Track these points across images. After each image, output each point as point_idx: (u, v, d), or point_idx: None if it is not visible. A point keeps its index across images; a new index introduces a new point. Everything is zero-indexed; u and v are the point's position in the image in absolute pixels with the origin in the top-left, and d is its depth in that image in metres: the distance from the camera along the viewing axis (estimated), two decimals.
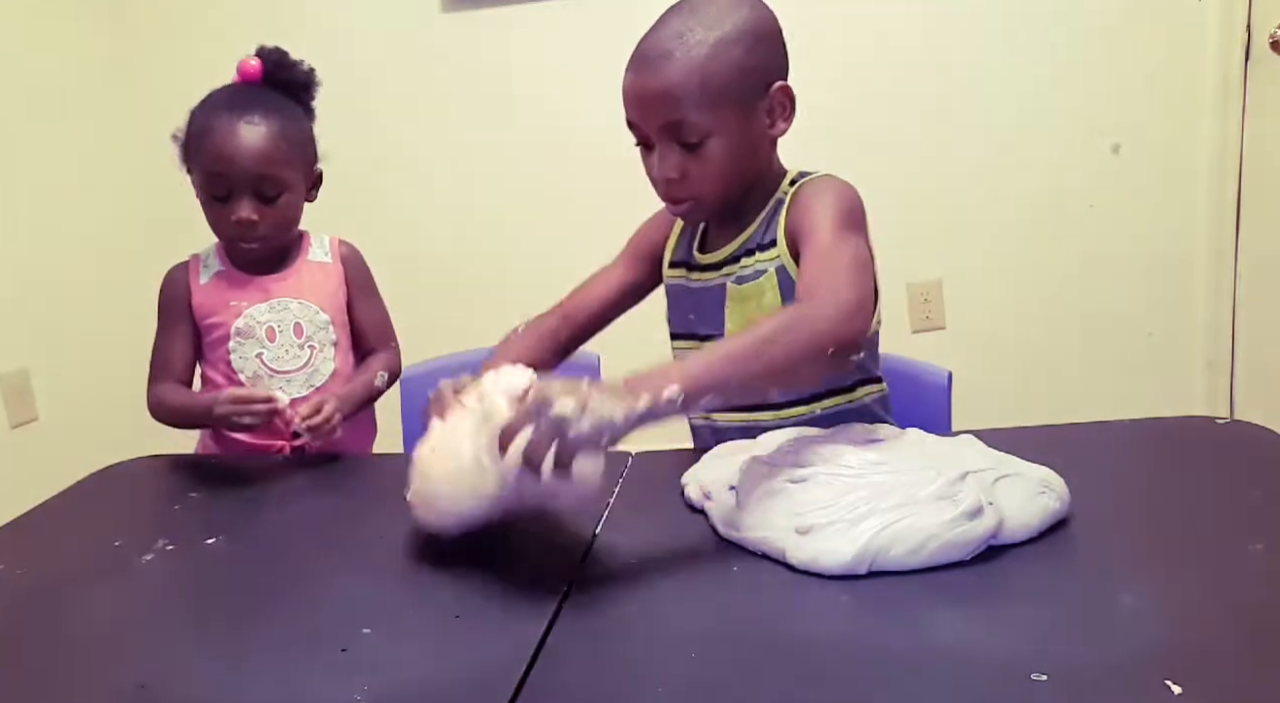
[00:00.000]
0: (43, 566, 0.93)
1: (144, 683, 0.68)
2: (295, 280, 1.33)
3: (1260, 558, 0.72)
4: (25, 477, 1.37)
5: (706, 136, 0.99)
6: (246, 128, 1.25)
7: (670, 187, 1.03)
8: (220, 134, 1.24)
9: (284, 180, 1.28)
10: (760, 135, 1.04)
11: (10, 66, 2.16)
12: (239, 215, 1.24)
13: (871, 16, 2.20)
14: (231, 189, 1.24)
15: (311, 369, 1.32)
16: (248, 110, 1.27)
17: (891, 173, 1.43)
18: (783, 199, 1.07)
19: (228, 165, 1.23)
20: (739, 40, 0.99)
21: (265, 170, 1.25)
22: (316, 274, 1.35)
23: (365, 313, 1.40)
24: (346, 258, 1.40)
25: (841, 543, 0.73)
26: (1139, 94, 2.19)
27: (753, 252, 1.07)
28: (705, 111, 0.98)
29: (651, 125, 1.00)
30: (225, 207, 1.25)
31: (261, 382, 1.30)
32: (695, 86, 0.97)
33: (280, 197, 1.28)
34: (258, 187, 1.25)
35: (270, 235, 1.29)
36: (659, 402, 0.76)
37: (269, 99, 1.31)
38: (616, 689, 0.64)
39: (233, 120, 1.25)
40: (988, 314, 2.32)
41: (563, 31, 2.32)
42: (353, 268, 1.39)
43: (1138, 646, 0.61)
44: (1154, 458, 0.97)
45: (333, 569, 0.87)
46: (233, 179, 1.24)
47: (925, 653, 0.63)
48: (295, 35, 2.46)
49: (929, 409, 1.23)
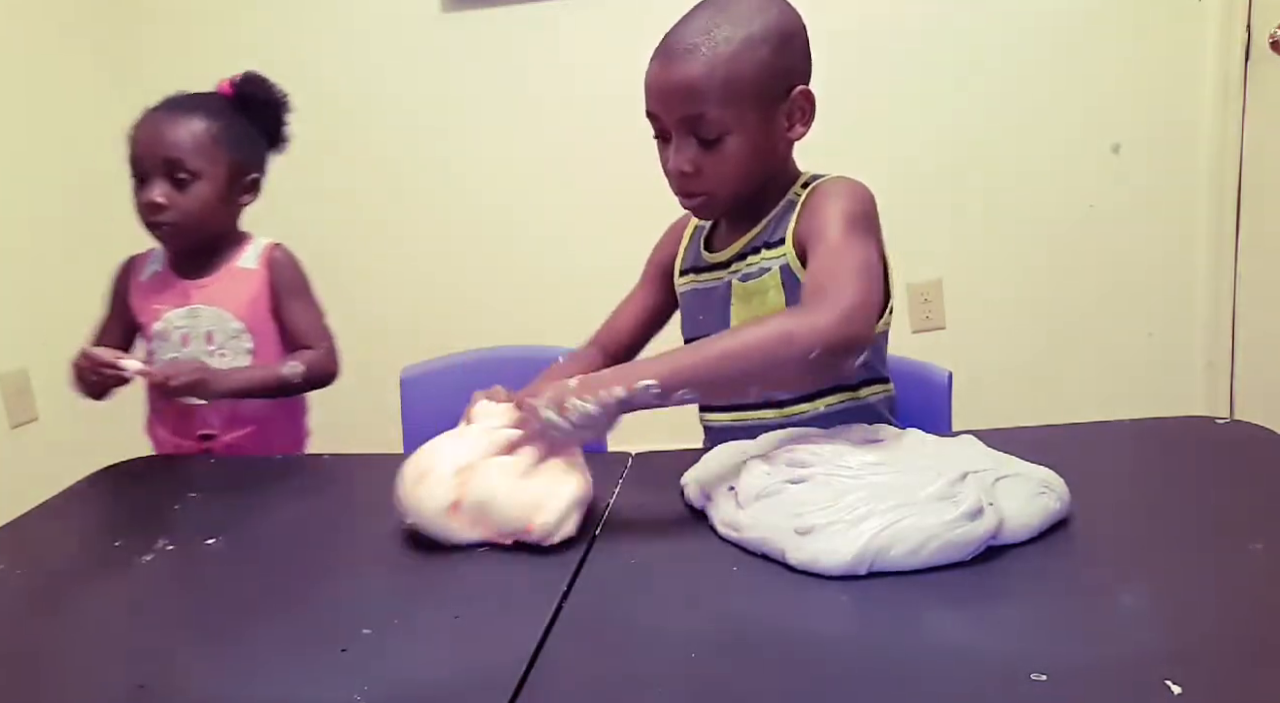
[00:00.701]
0: (43, 565, 0.93)
1: (143, 683, 0.68)
2: (214, 288, 1.35)
3: (1260, 558, 0.72)
4: (25, 477, 1.37)
5: (724, 134, 0.99)
6: (169, 116, 1.31)
7: (684, 180, 1.03)
8: (144, 121, 1.31)
9: (195, 169, 1.30)
10: (778, 137, 1.04)
11: (10, 67, 2.16)
12: (147, 197, 1.29)
13: (870, 17, 2.20)
14: (146, 172, 1.29)
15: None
16: (180, 105, 1.33)
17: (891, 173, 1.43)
18: (793, 200, 1.07)
19: (142, 148, 1.30)
20: (766, 40, 0.99)
21: (174, 154, 1.29)
22: (238, 281, 1.36)
23: (293, 315, 1.39)
24: (274, 263, 1.39)
25: (841, 544, 0.73)
26: (1139, 94, 2.19)
27: (759, 249, 1.08)
28: (726, 108, 0.98)
29: (671, 117, 1.01)
30: (141, 190, 1.30)
31: None
32: (718, 83, 0.97)
33: (192, 186, 1.30)
34: (168, 171, 1.29)
35: (180, 224, 1.31)
36: (634, 390, 0.82)
37: (213, 103, 1.35)
38: (616, 690, 0.64)
39: (161, 111, 1.32)
40: (988, 314, 2.32)
41: (563, 32, 2.32)
42: (279, 272, 1.39)
43: (1138, 645, 0.61)
44: (1154, 458, 0.97)
45: (333, 569, 0.87)
46: (146, 161, 1.29)
47: (925, 653, 0.63)
48: (296, 35, 2.48)
49: (929, 409, 1.23)
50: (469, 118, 2.41)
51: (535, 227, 2.41)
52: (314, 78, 2.44)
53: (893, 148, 2.24)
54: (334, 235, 2.46)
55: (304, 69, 2.44)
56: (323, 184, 2.44)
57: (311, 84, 2.46)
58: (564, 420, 0.83)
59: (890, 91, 2.24)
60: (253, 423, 1.36)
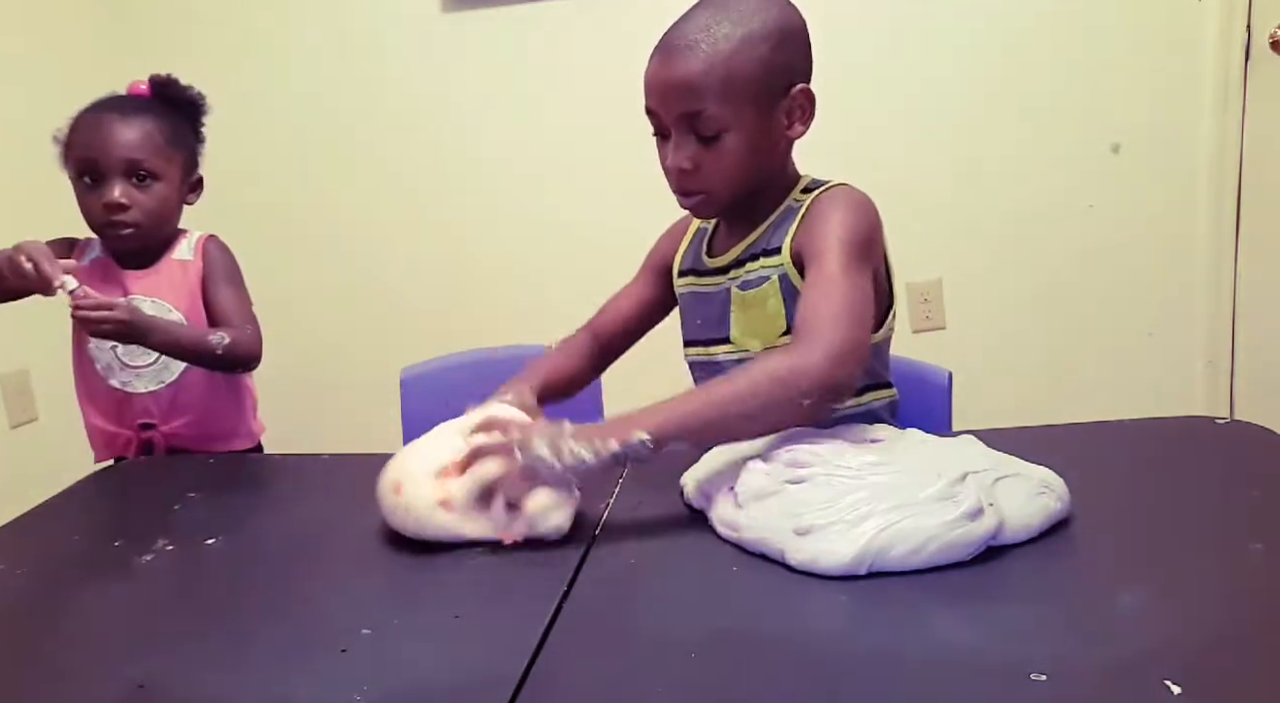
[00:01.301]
0: (43, 565, 0.93)
1: (143, 683, 0.68)
2: (154, 279, 1.36)
3: (1260, 558, 0.72)
4: (25, 477, 1.37)
5: (723, 131, 0.99)
6: (120, 117, 1.31)
7: (682, 178, 1.03)
8: (94, 122, 1.31)
9: (155, 168, 1.32)
10: (778, 135, 1.04)
11: (10, 68, 2.16)
12: (109, 198, 1.28)
13: (870, 17, 2.20)
14: (104, 173, 1.29)
15: (161, 365, 1.35)
16: (124, 106, 1.34)
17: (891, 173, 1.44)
18: (794, 207, 1.06)
19: (99, 150, 1.29)
20: (766, 38, 0.99)
21: (135, 155, 1.30)
22: (175, 272, 1.38)
23: (220, 300, 1.39)
24: (207, 253, 1.41)
25: (841, 544, 0.73)
26: (1139, 94, 2.19)
27: (757, 256, 1.07)
28: (725, 105, 0.98)
29: (670, 114, 1.00)
30: (96, 191, 1.29)
31: (114, 373, 1.35)
32: (718, 80, 0.97)
33: (152, 185, 1.32)
34: (129, 170, 1.30)
35: (141, 224, 1.32)
36: (629, 444, 0.83)
37: (147, 104, 1.36)
38: (616, 690, 0.64)
39: (108, 111, 1.32)
40: (988, 314, 2.32)
41: (563, 32, 2.32)
42: (211, 261, 1.40)
43: (1137, 645, 0.61)
44: (1154, 458, 0.97)
45: (333, 569, 0.88)
46: (104, 163, 1.29)
47: (925, 653, 0.63)
48: (296, 35, 2.48)
49: (929, 409, 1.23)
50: (469, 118, 2.41)
51: (535, 226, 2.41)
52: (314, 78, 2.45)
53: (892, 148, 2.24)
54: (334, 235, 2.46)
55: (304, 69, 2.45)
56: (322, 184, 2.44)
57: (311, 84, 2.48)
58: (557, 462, 0.83)
59: (889, 91, 2.24)
60: (192, 411, 1.37)
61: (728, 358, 1.10)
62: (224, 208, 1.45)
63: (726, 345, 1.10)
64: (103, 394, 1.37)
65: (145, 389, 1.35)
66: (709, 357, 1.12)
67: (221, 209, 1.43)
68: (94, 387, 1.38)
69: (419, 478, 0.86)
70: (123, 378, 1.35)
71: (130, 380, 1.35)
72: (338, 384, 2.34)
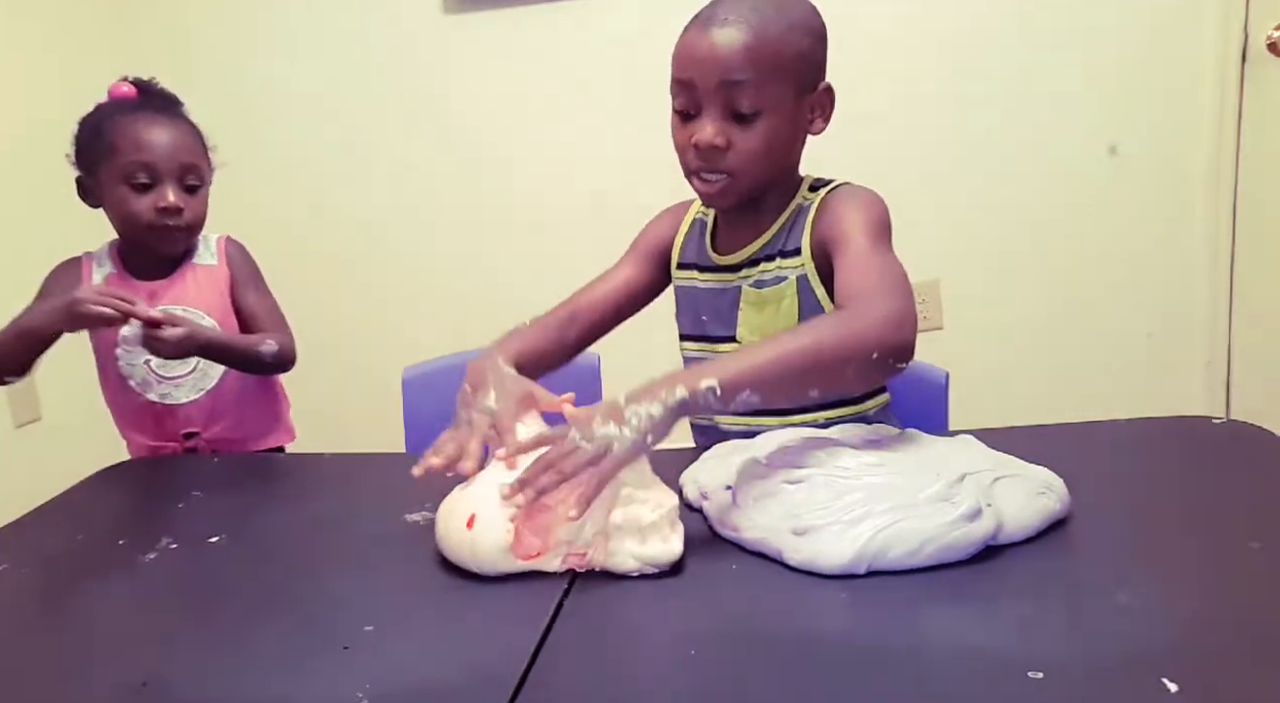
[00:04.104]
0: (46, 564, 0.93)
1: (146, 681, 0.68)
2: (182, 287, 1.35)
3: (1259, 558, 0.72)
4: (29, 476, 1.38)
5: (759, 111, 0.98)
6: (171, 120, 1.31)
7: (710, 156, 1.00)
8: (144, 124, 1.28)
9: (203, 173, 1.32)
10: (801, 128, 1.04)
11: (10, 68, 2.17)
12: (167, 201, 1.27)
13: (869, 17, 2.21)
14: (157, 176, 1.27)
15: (200, 373, 1.35)
16: (167, 107, 1.33)
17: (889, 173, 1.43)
18: (804, 205, 1.07)
19: (155, 153, 1.27)
20: (808, 31, 1.01)
21: (190, 159, 1.30)
22: (203, 278, 1.37)
23: (251, 303, 1.40)
24: (230, 256, 1.41)
25: (839, 545, 0.73)
26: (1136, 95, 2.19)
27: (773, 257, 1.07)
28: (767, 82, 0.97)
29: (709, 84, 0.98)
30: (148, 195, 1.28)
31: (151, 387, 1.33)
32: (768, 54, 0.97)
33: (200, 189, 1.32)
34: (182, 175, 1.29)
35: (193, 226, 1.32)
36: (696, 392, 0.78)
37: (174, 106, 1.35)
38: (616, 689, 0.64)
39: (153, 115, 1.30)
40: (986, 314, 2.32)
41: (564, 33, 2.33)
42: (237, 264, 1.41)
43: (1135, 644, 0.62)
44: (1153, 458, 0.97)
45: (335, 568, 0.88)
46: (159, 167, 1.27)
47: (923, 651, 0.63)
48: (296, 37, 2.48)
49: (927, 409, 1.23)
50: (470, 119, 2.41)
51: (536, 226, 2.42)
52: (314, 78, 2.45)
53: (891, 148, 2.25)
54: (334, 235, 2.46)
55: (305, 69, 2.46)
56: (322, 184, 2.44)
57: (312, 84, 2.48)
58: (624, 430, 0.77)
59: (889, 91, 2.24)
60: (232, 415, 1.37)
61: None
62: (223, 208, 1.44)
63: (732, 344, 1.10)
64: (143, 411, 1.35)
65: (186, 399, 1.34)
66: (712, 354, 1.12)
67: (220, 209, 1.42)
68: (132, 405, 1.36)
69: (495, 520, 0.79)
70: (161, 390, 1.34)
71: (170, 392, 1.34)
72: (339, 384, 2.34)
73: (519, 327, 1.13)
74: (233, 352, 1.32)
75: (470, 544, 0.79)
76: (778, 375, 0.82)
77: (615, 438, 0.77)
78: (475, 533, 0.79)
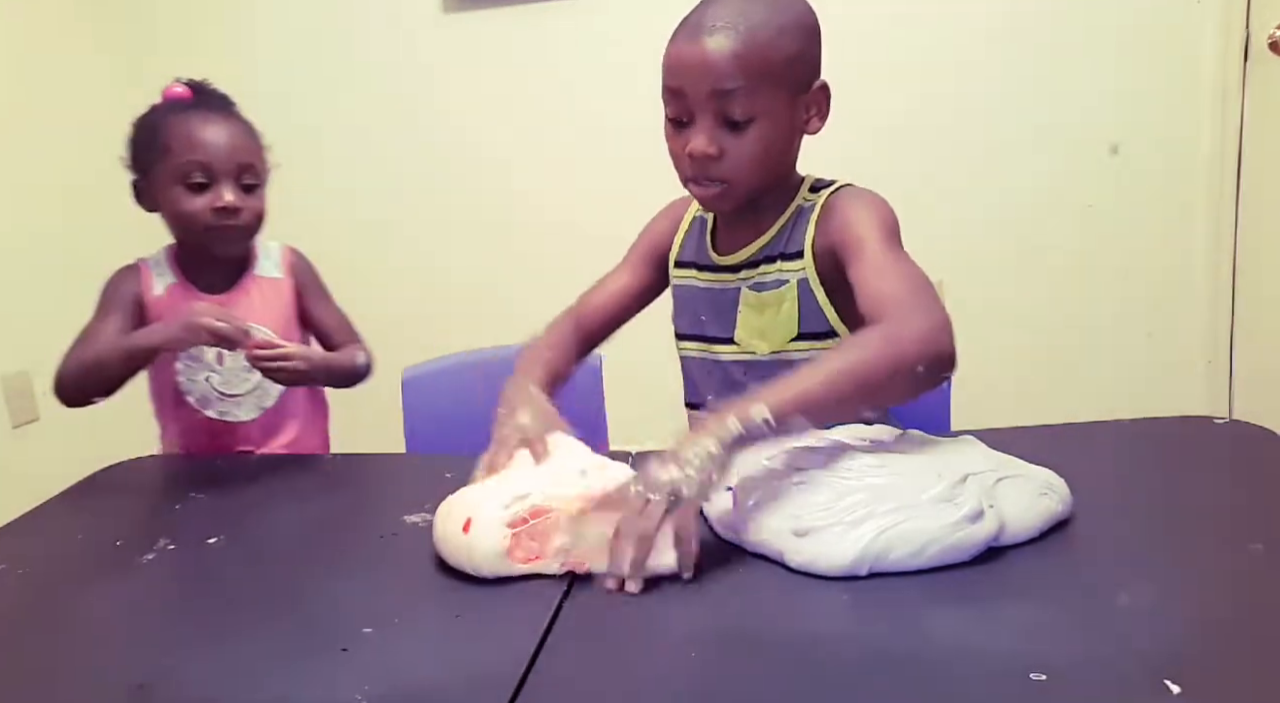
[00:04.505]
0: (44, 565, 0.93)
1: (144, 682, 0.68)
2: (246, 301, 1.32)
3: (1260, 558, 0.72)
4: (27, 477, 1.37)
5: (751, 118, 0.97)
6: (225, 119, 1.28)
7: (704, 164, 0.99)
8: (198, 123, 1.25)
9: (260, 173, 1.29)
10: (797, 129, 1.03)
11: (12, 68, 2.17)
12: (224, 200, 1.24)
13: (868, 18, 2.20)
14: (213, 176, 1.24)
15: (261, 391, 1.32)
16: (223, 105, 1.30)
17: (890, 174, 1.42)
18: (805, 207, 1.06)
19: (210, 152, 1.24)
20: (797, 30, 0.99)
21: (247, 158, 1.27)
22: (268, 292, 1.34)
23: (325, 314, 1.39)
24: (295, 267, 1.39)
25: (840, 546, 0.73)
26: (1137, 94, 2.19)
27: (774, 259, 1.06)
28: (759, 89, 0.96)
29: (700, 93, 0.97)
30: (204, 195, 1.24)
31: (210, 404, 1.31)
32: (756, 61, 0.95)
33: (257, 188, 1.29)
34: (239, 175, 1.26)
35: (251, 227, 1.29)
36: (749, 423, 0.78)
37: (229, 105, 1.32)
38: (616, 691, 0.64)
39: (207, 114, 1.27)
40: (988, 314, 2.31)
41: (563, 33, 2.33)
42: (301, 276, 1.39)
43: (1136, 645, 0.61)
44: (1154, 458, 0.97)
45: (333, 569, 0.88)
46: (215, 166, 1.24)
47: (925, 652, 0.63)
48: (296, 36, 2.48)
49: (928, 409, 1.22)
50: (469, 118, 2.41)
51: (535, 226, 2.41)
52: (314, 78, 2.45)
53: (892, 148, 2.24)
54: (334, 235, 2.44)
55: (304, 69, 2.46)
56: (323, 184, 2.44)
57: (312, 84, 2.48)
58: (687, 471, 0.76)
59: (889, 92, 2.24)
60: (289, 432, 1.34)
61: (731, 358, 1.10)
62: None
63: (730, 346, 1.10)
64: (198, 428, 1.31)
65: (247, 417, 1.31)
66: (710, 355, 1.12)
67: None
68: (187, 421, 1.31)
69: (491, 524, 0.79)
70: (221, 408, 1.31)
71: (230, 410, 1.31)
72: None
73: (534, 343, 1.15)
74: (335, 371, 1.31)
75: (467, 548, 0.80)
76: (828, 399, 0.81)
77: (681, 481, 0.76)
78: (472, 537, 0.79)
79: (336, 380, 1.33)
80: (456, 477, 0.90)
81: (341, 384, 1.34)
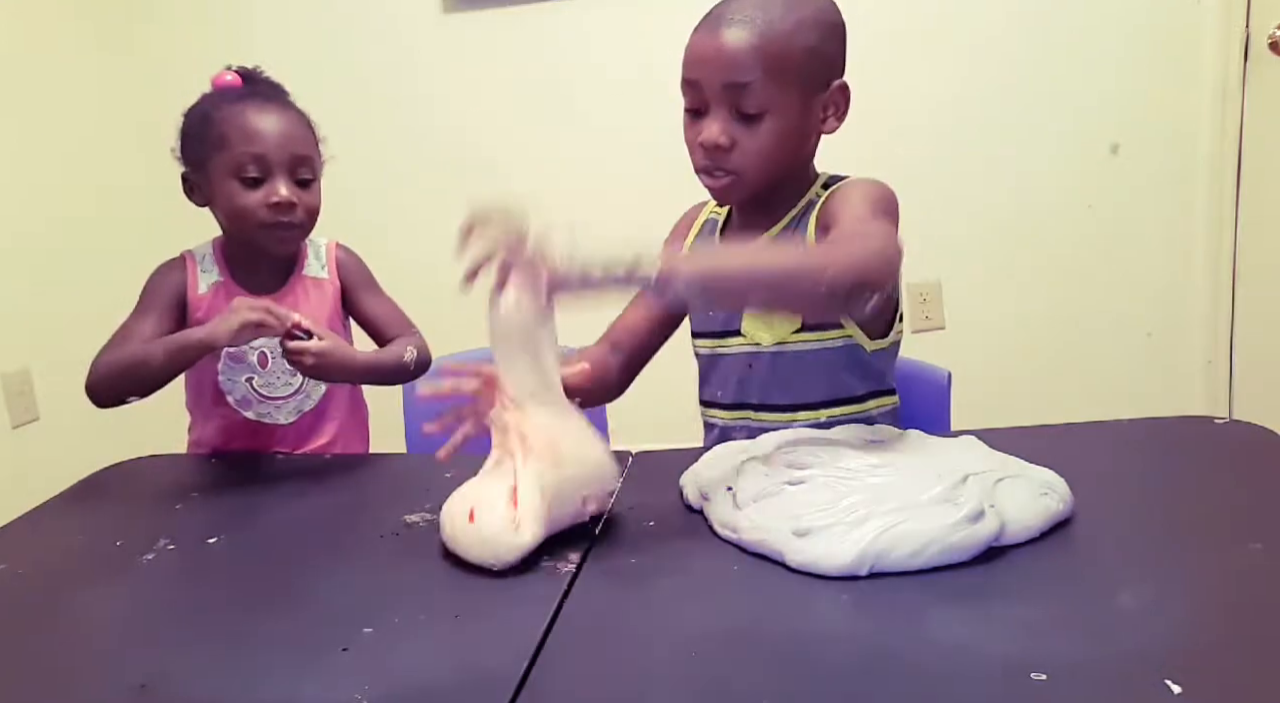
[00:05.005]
0: (44, 565, 0.93)
1: (144, 683, 0.68)
2: (293, 302, 1.28)
3: (1260, 558, 0.72)
4: (26, 476, 1.37)
5: (765, 111, 0.98)
6: (279, 109, 1.23)
7: (716, 155, 1.00)
8: (254, 113, 1.20)
9: (316, 166, 1.25)
10: (812, 127, 1.04)
11: (12, 68, 2.16)
12: (280, 195, 1.19)
13: (868, 17, 2.20)
14: (268, 170, 1.20)
15: (303, 395, 1.30)
16: (278, 96, 1.25)
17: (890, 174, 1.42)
18: (814, 200, 1.06)
19: (265, 143, 1.19)
20: (818, 27, 0.99)
21: (303, 151, 1.23)
22: (313, 293, 1.32)
23: (374, 307, 1.36)
24: (342, 264, 1.36)
25: (840, 546, 0.73)
26: (1137, 94, 2.19)
27: None
28: (773, 84, 0.97)
29: (714, 85, 0.98)
30: (259, 190, 1.19)
31: (250, 405, 1.29)
32: (772, 55, 0.96)
33: (312, 183, 1.25)
34: (294, 168, 1.22)
35: (306, 224, 1.25)
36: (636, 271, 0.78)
37: (284, 96, 1.28)
38: (616, 689, 0.64)
39: (262, 103, 1.22)
40: (987, 314, 2.32)
41: (564, 32, 2.32)
42: (348, 272, 1.36)
43: (1138, 645, 0.61)
44: (1154, 458, 0.97)
45: (333, 569, 0.87)
46: (270, 160, 1.19)
47: (925, 652, 0.63)
48: (296, 36, 2.48)
49: (929, 409, 1.23)
50: (470, 119, 2.41)
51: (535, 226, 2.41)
52: (314, 78, 2.44)
53: (892, 148, 2.24)
54: (333, 235, 2.44)
55: (304, 69, 2.44)
56: (322, 184, 2.44)
57: (312, 84, 2.47)
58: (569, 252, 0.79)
59: (889, 91, 2.23)
60: (326, 435, 1.32)
61: (738, 351, 1.10)
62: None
63: (738, 337, 1.10)
64: (236, 428, 1.29)
65: (286, 420, 1.29)
66: (720, 350, 1.12)
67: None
68: (224, 420, 1.29)
69: (494, 502, 0.81)
70: (261, 410, 1.28)
71: (270, 412, 1.28)
72: None
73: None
74: (381, 371, 1.27)
75: (478, 537, 0.81)
76: (737, 281, 0.84)
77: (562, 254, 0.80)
78: (479, 525, 0.81)
79: (384, 379, 1.29)
80: (457, 477, 0.89)
81: (390, 383, 1.30)
